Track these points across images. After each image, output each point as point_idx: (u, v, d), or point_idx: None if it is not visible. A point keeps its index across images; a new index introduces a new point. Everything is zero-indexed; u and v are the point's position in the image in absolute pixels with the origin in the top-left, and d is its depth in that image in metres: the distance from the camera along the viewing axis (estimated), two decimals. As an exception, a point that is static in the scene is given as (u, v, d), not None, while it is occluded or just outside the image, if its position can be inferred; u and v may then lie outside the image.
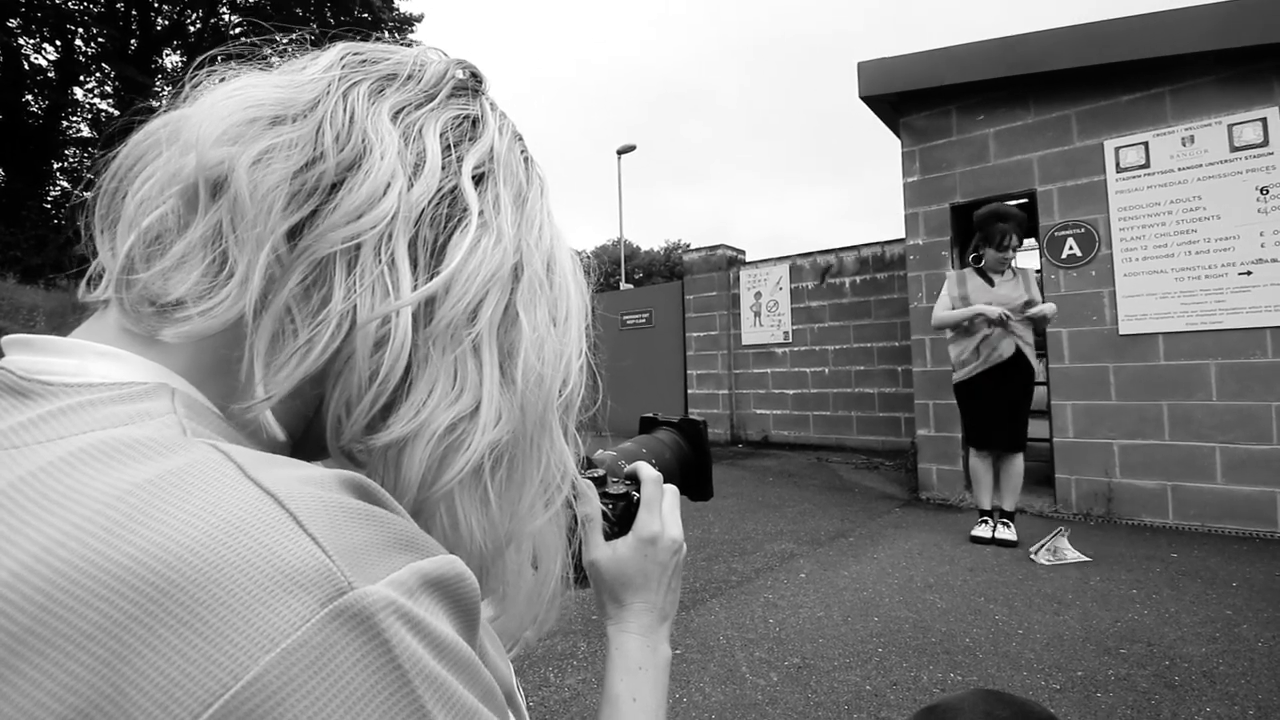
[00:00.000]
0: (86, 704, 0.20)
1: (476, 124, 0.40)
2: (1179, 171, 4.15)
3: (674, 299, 8.93)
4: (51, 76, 16.47)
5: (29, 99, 16.28)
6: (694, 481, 0.71)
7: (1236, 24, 3.89)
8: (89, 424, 0.27)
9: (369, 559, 0.24)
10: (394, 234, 0.34)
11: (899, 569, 3.28)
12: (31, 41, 15.88)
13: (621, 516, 0.58)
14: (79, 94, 16.99)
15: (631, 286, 14.30)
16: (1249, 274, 3.93)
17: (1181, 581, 3.02)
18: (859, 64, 5.27)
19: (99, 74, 17.20)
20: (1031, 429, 3.86)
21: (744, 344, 8.23)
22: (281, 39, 0.43)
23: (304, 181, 0.33)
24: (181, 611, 0.21)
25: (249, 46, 0.42)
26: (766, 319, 8.05)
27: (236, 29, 17.66)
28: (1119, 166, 4.35)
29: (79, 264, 0.38)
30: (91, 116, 17.25)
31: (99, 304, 0.35)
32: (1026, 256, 7.98)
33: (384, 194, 0.34)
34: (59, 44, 16.33)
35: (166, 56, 17.98)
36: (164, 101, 0.38)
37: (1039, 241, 4.65)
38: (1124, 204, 4.31)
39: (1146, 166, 4.25)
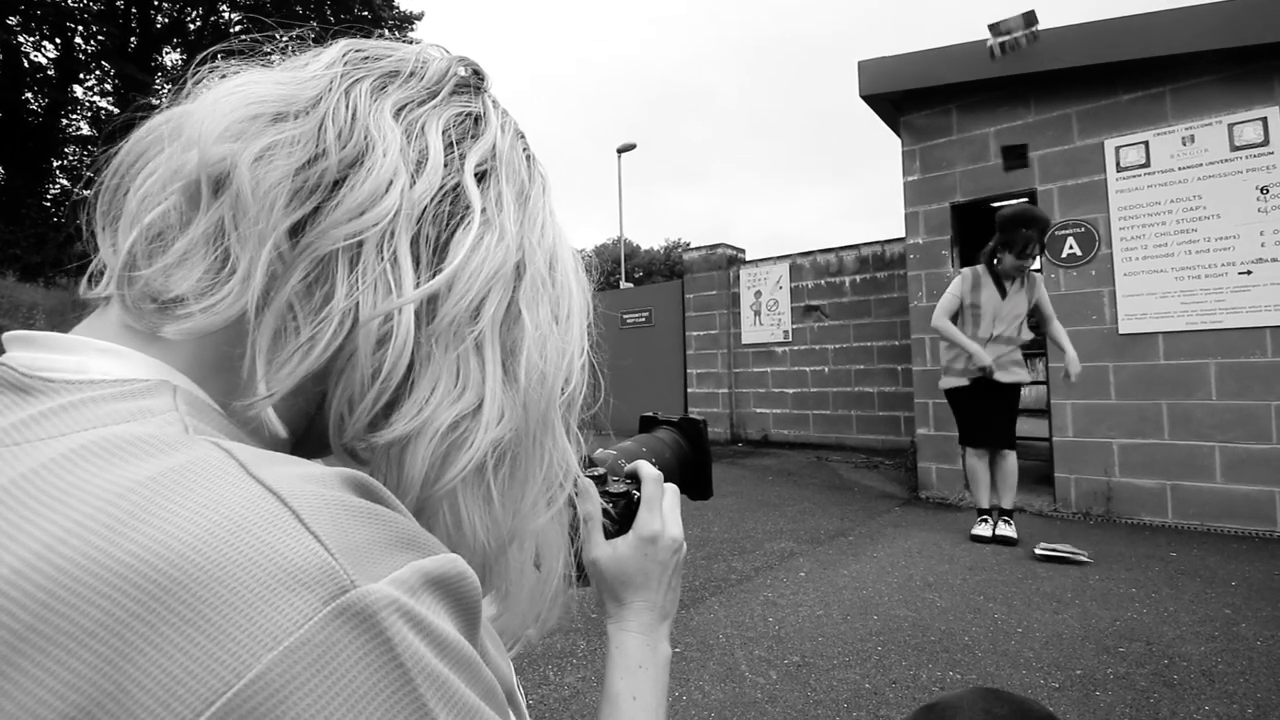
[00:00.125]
0: (89, 701, 0.20)
1: (479, 121, 0.40)
2: (1179, 171, 4.15)
3: (674, 298, 8.93)
4: (51, 74, 16.46)
5: (29, 97, 16.26)
6: (694, 480, 0.71)
7: (1237, 23, 3.89)
8: (90, 421, 0.27)
9: (371, 557, 0.24)
10: (396, 231, 0.34)
11: (898, 568, 3.28)
12: (31, 39, 15.87)
13: (622, 515, 0.58)
14: (79, 92, 16.99)
15: (631, 285, 14.30)
16: (1249, 273, 3.93)
17: (1180, 580, 3.02)
18: (859, 63, 5.26)
19: (99, 72, 17.19)
20: (1031, 428, 3.86)
21: (744, 343, 8.23)
22: (282, 36, 0.43)
23: (306, 178, 0.33)
24: (184, 609, 0.21)
25: (251, 43, 0.42)
26: (766, 318, 8.05)
27: (236, 26, 17.65)
28: (1119, 166, 4.34)
29: (79, 262, 0.37)
30: (91, 114, 17.25)
31: (100, 301, 0.35)
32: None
33: (386, 191, 0.34)
34: (59, 42, 16.31)
35: (166, 54, 17.97)
36: (164, 99, 0.38)
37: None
38: (1124, 203, 4.31)
39: (1147, 166, 4.25)
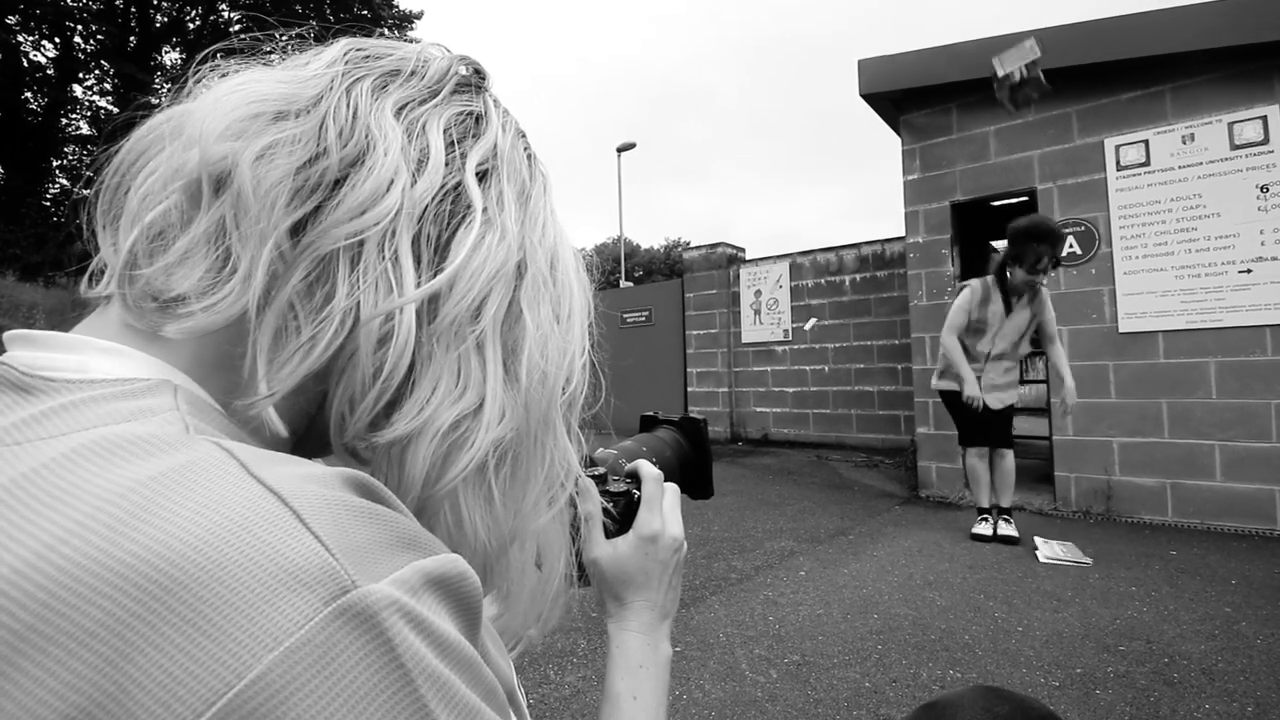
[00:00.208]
0: (89, 702, 0.20)
1: (480, 120, 0.40)
2: (1179, 169, 4.15)
3: (674, 297, 8.92)
4: (51, 74, 16.46)
5: (28, 96, 16.26)
6: (695, 480, 0.71)
7: (1237, 22, 3.89)
8: (91, 420, 0.27)
9: (372, 557, 0.24)
10: (397, 230, 0.34)
11: (898, 567, 3.28)
12: (31, 39, 15.87)
13: (622, 514, 0.58)
14: (78, 91, 16.99)
15: (631, 285, 14.30)
16: (1249, 272, 3.93)
17: (1181, 579, 3.02)
18: (859, 62, 5.26)
19: (98, 71, 17.18)
20: (1031, 426, 3.85)
21: (744, 342, 8.23)
22: (283, 36, 0.43)
23: (307, 177, 0.33)
24: (184, 609, 0.21)
25: (251, 42, 0.41)
26: (766, 317, 8.05)
27: (236, 26, 17.62)
28: (1119, 164, 4.34)
29: (79, 261, 0.37)
30: (91, 114, 17.25)
31: (101, 300, 0.35)
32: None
33: (387, 190, 0.34)
34: (58, 41, 16.31)
35: (166, 54, 17.97)
36: (164, 98, 0.38)
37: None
38: (1124, 202, 4.31)
39: (1147, 164, 4.25)
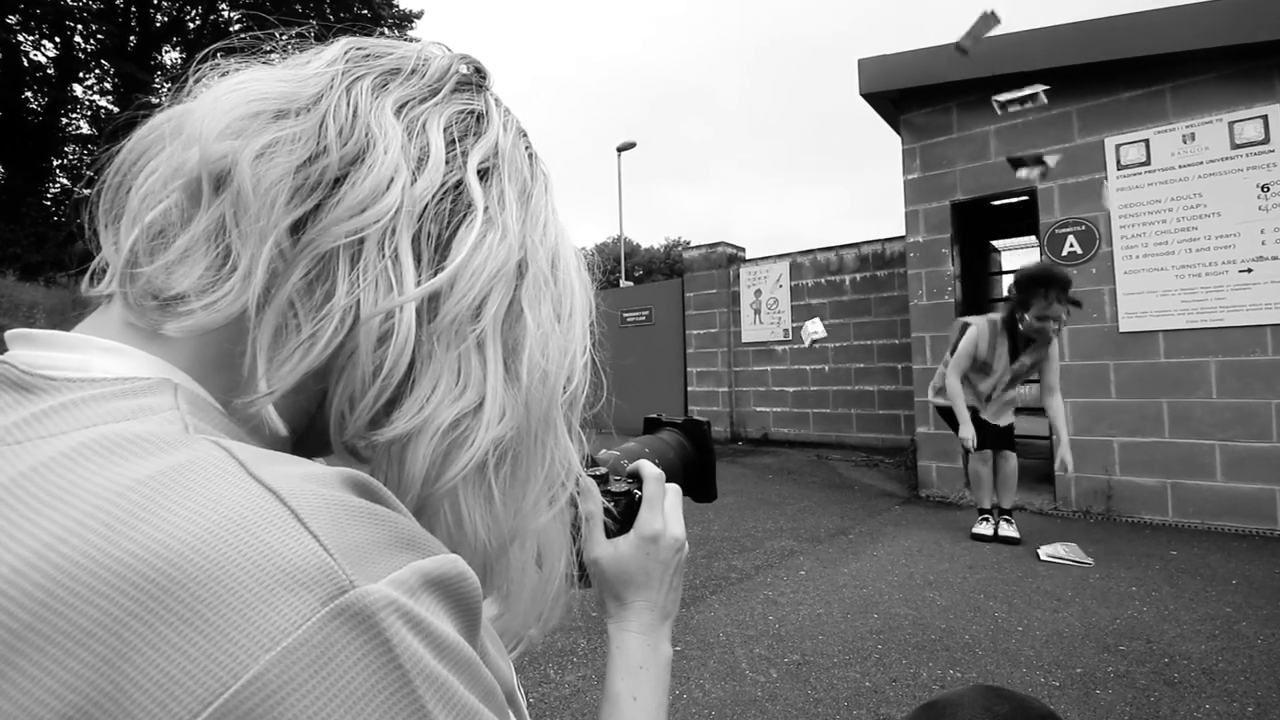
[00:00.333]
0: (86, 701, 0.20)
1: (480, 119, 0.40)
2: (1180, 169, 4.15)
3: (674, 297, 8.92)
4: (51, 73, 16.44)
5: (28, 96, 16.25)
6: (698, 482, 0.70)
7: (1237, 21, 3.88)
8: (91, 419, 0.27)
9: (370, 557, 0.24)
10: (398, 229, 0.34)
11: (899, 566, 3.28)
12: (31, 38, 15.85)
13: (624, 514, 0.58)
14: (78, 91, 16.98)
15: (631, 284, 14.29)
16: (1249, 271, 3.93)
17: (1181, 579, 3.02)
18: (859, 61, 5.26)
19: (98, 71, 17.17)
20: (1032, 426, 3.85)
21: (744, 341, 8.23)
22: (283, 35, 0.43)
23: (307, 176, 0.33)
24: (182, 609, 0.21)
25: (251, 41, 0.41)
26: (766, 316, 8.05)
27: (236, 25, 17.63)
28: (1120, 164, 4.34)
29: (79, 261, 0.37)
30: (91, 113, 17.24)
31: (102, 299, 0.35)
32: (1026, 255, 7.93)
33: (387, 188, 0.34)
34: (58, 41, 16.30)
35: (166, 53, 17.95)
36: (165, 97, 0.38)
37: (1039, 239, 4.65)
38: (1124, 201, 4.31)
39: (1147, 164, 4.25)
